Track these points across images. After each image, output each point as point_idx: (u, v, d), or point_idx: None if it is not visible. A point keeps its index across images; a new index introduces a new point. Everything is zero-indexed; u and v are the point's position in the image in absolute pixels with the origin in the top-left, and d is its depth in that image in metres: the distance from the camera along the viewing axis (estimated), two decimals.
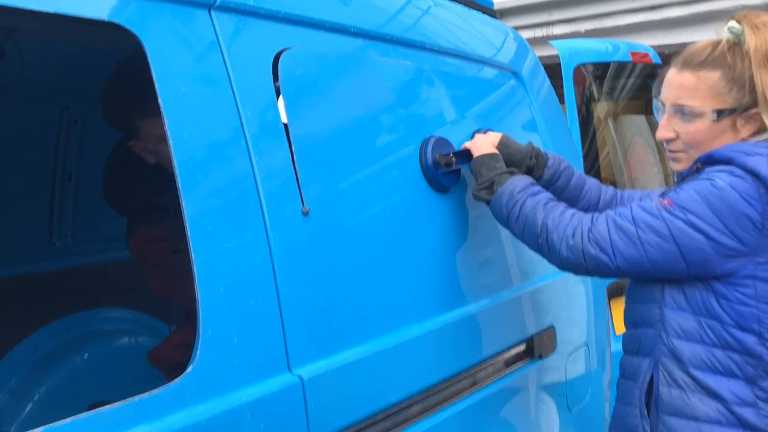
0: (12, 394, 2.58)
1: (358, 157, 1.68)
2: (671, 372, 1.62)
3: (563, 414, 2.32)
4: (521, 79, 2.41)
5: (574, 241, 1.61)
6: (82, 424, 1.09)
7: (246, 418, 1.29)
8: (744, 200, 1.48)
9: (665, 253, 1.54)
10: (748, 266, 1.51)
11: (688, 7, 5.71)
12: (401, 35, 1.91)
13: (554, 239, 1.65)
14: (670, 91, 1.67)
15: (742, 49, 1.59)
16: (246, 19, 1.48)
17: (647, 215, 1.56)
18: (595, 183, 2.03)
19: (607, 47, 3.68)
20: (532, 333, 2.17)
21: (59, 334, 2.72)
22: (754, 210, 1.48)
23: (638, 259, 1.57)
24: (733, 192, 1.49)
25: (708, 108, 1.60)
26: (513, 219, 1.74)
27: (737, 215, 1.48)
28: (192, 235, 1.26)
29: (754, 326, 1.53)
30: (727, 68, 1.59)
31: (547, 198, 1.73)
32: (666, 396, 1.62)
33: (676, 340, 1.60)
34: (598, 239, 1.59)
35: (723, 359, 1.56)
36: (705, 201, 1.51)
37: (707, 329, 1.57)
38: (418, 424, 1.70)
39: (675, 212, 1.53)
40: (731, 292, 1.53)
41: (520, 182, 1.76)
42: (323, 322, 1.49)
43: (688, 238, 1.52)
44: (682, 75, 1.64)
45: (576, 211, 1.69)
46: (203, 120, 1.35)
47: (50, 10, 1.15)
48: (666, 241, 1.54)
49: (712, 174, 1.54)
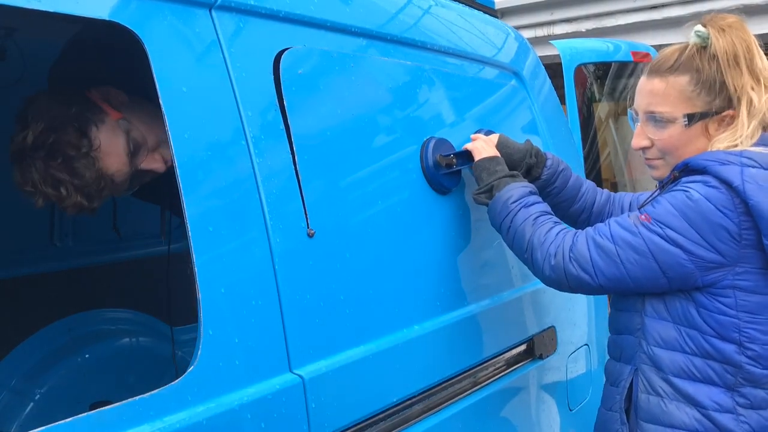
0: (13, 394, 2.58)
1: (359, 158, 1.68)
2: (650, 379, 1.62)
3: (564, 414, 2.32)
4: (522, 79, 2.41)
5: (556, 261, 1.62)
6: (83, 424, 1.09)
7: (247, 417, 1.29)
8: (720, 212, 1.47)
9: (645, 270, 1.54)
10: (728, 276, 1.51)
11: (689, 7, 5.70)
12: (402, 35, 1.91)
13: (538, 257, 1.67)
14: (641, 99, 1.67)
15: (709, 52, 1.59)
16: (247, 19, 1.48)
17: (625, 232, 1.56)
18: (592, 186, 2.05)
19: (608, 47, 3.67)
20: (532, 333, 2.17)
21: (60, 334, 2.72)
22: (730, 221, 1.47)
23: (619, 277, 1.57)
24: (708, 204, 1.47)
25: (678, 113, 1.60)
26: (504, 229, 1.76)
27: (714, 227, 1.47)
28: (193, 235, 1.26)
29: (734, 335, 1.52)
30: (695, 72, 1.59)
31: (539, 211, 1.72)
32: (644, 403, 1.63)
33: (656, 349, 1.61)
34: (578, 259, 1.60)
35: (702, 367, 1.56)
36: (681, 214, 1.50)
37: (687, 338, 1.57)
38: (419, 423, 1.70)
39: (652, 227, 1.53)
40: (711, 302, 1.53)
41: (516, 191, 1.76)
42: (324, 322, 1.49)
43: (667, 253, 1.51)
44: (652, 82, 1.64)
45: (563, 228, 1.69)
46: (204, 120, 1.34)
47: (51, 9, 1.15)
48: (645, 258, 1.53)
49: (687, 185, 1.52)
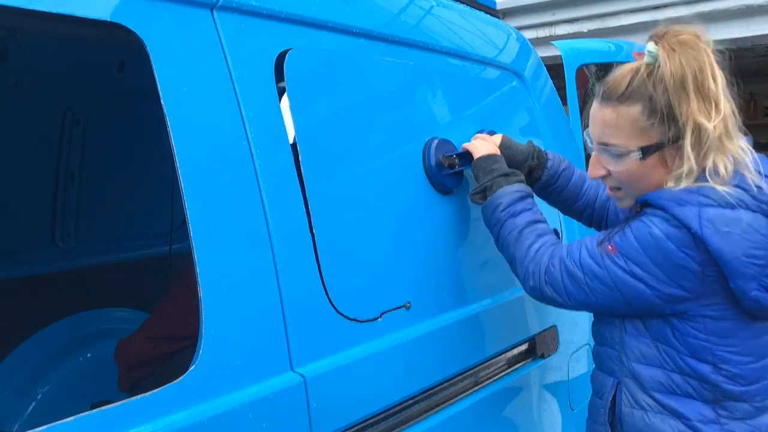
0: (15, 394, 2.58)
1: (361, 158, 1.68)
2: (633, 393, 1.61)
3: (565, 413, 2.32)
4: (524, 79, 2.41)
5: (534, 281, 1.65)
6: (85, 424, 1.09)
7: (248, 417, 1.29)
8: (681, 252, 1.44)
9: (612, 300, 1.55)
10: (695, 308, 1.49)
11: (691, 7, 5.69)
12: (404, 35, 1.91)
13: (519, 273, 1.70)
14: (594, 127, 1.58)
15: (656, 76, 1.48)
16: (248, 19, 1.49)
17: (592, 263, 1.55)
18: (594, 182, 2.03)
19: (609, 47, 3.66)
20: (534, 332, 2.17)
21: (62, 334, 2.72)
22: (691, 260, 1.44)
23: (588, 303, 1.59)
24: (669, 243, 1.44)
25: (632, 146, 1.51)
26: (494, 236, 1.79)
27: (676, 266, 1.45)
28: (194, 235, 1.26)
29: (708, 357, 1.51)
30: (647, 100, 1.48)
31: (524, 222, 1.71)
32: (628, 417, 1.62)
33: (636, 365, 1.60)
34: (552, 283, 1.62)
35: (681, 384, 1.55)
36: (645, 252, 1.47)
37: (665, 355, 1.56)
38: (421, 423, 1.70)
39: (618, 261, 1.51)
40: (683, 326, 1.52)
41: (506, 198, 1.75)
42: (326, 322, 1.49)
43: (630, 287, 1.50)
44: (603, 111, 1.54)
45: (544, 242, 1.68)
46: (205, 121, 1.35)
47: (53, 10, 1.15)
48: (610, 289, 1.53)
49: (650, 218, 1.48)
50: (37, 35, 1.99)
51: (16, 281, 2.65)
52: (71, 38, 1.80)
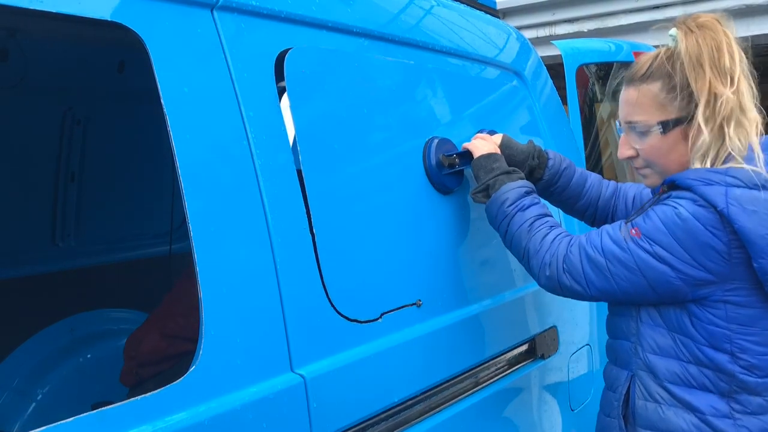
0: (15, 394, 2.58)
1: (361, 158, 1.68)
2: (647, 386, 1.62)
3: (566, 414, 2.32)
4: (524, 79, 2.41)
5: (551, 271, 1.63)
6: (85, 424, 1.09)
7: (248, 417, 1.29)
8: (708, 231, 1.45)
9: (634, 285, 1.54)
10: (718, 292, 1.50)
11: (690, 7, 5.70)
12: (404, 35, 1.91)
13: (534, 265, 1.67)
14: (621, 109, 1.66)
15: (674, 55, 1.56)
16: (248, 19, 1.48)
17: (615, 247, 1.55)
18: (596, 179, 2.03)
19: (610, 47, 3.66)
20: (534, 333, 2.17)
21: (62, 334, 2.72)
22: (719, 240, 1.45)
23: (610, 290, 1.58)
24: (697, 223, 1.45)
25: (653, 121, 1.58)
26: (502, 232, 1.77)
27: (703, 246, 1.46)
28: (194, 235, 1.26)
29: (726, 346, 1.52)
30: (667, 78, 1.56)
31: (534, 215, 1.71)
32: (642, 409, 1.63)
33: (651, 356, 1.60)
34: (571, 271, 1.60)
35: (697, 375, 1.55)
36: (671, 233, 1.48)
37: (681, 346, 1.56)
38: (421, 423, 1.70)
39: (642, 243, 1.51)
40: (703, 312, 1.52)
41: (512, 193, 1.75)
42: (326, 322, 1.49)
43: (655, 270, 1.50)
44: (628, 91, 1.63)
45: (558, 233, 1.67)
46: (205, 121, 1.35)
47: (53, 10, 1.15)
48: (634, 274, 1.53)
49: (677, 201, 1.50)
50: (37, 35, 1.99)
51: (16, 281, 2.65)
52: (71, 38, 1.80)
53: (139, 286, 2.86)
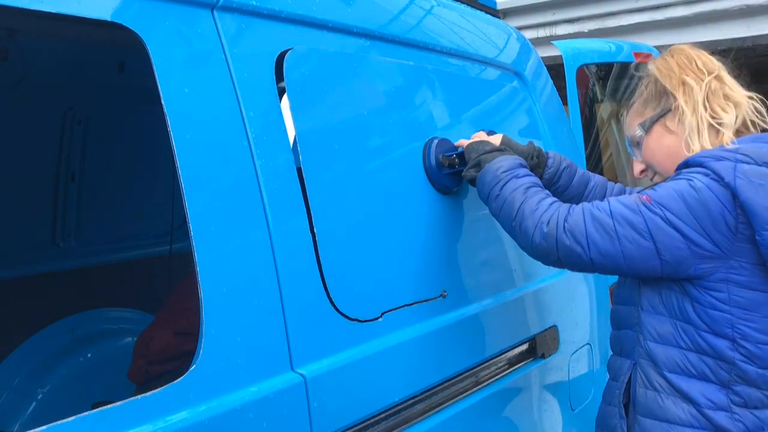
0: (15, 394, 2.59)
1: (361, 158, 1.68)
2: (647, 374, 1.62)
3: (566, 413, 2.32)
4: (524, 79, 2.41)
5: (549, 228, 1.58)
6: (85, 424, 1.09)
7: (249, 417, 1.29)
8: (720, 203, 1.47)
9: (641, 249, 1.52)
10: (721, 269, 1.50)
11: (691, 7, 5.70)
12: (404, 35, 1.91)
13: (528, 225, 1.62)
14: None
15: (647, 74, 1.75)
16: (248, 20, 1.49)
17: (626, 209, 1.54)
18: (601, 181, 2.03)
19: (610, 47, 3.66)
20: (534, 332, 2.17)
21: (62, 334, 2.73)
22: (729, 213, 1.47)
23: (612, 253, 1.54)
24: (711, 193, 1.47)
25: (635, 126, 1.75)
26: (493, 197, 1.72)
27: (713, 217, 1.47)
28: (195, 235, 1.26)
29: (727, 331, 1.52)
30: (643, 92, 1.75)
31: (530, 182, 1.70)
32: (642, 397, 1.63)
33: (652, 344, 1.61)
34: (573, 229, 1.56)
35: (697, 363, 1.55)
36: (683, 200, 1.49)
37: (682, 333, 1.56)
38: (421, 423, 1.70)
39: (653, 208, 1.51)
40: (704, 296, 1.52)
41: (506, 161, 1.75)
42: (326, 321, 1.49)
43: (665, 235, 1.50)
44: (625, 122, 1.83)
45: (556, 200, 1.66)
46: (206, 121, 1.35)
47: (53, 10, 1.15)
48: (643, 237, 1.51)
49: (690, 174, 1.53)
50: (37, 35, 2.00)
51: (16, 281, 2.66)
52: (71, 38, 1.80)
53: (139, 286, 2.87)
